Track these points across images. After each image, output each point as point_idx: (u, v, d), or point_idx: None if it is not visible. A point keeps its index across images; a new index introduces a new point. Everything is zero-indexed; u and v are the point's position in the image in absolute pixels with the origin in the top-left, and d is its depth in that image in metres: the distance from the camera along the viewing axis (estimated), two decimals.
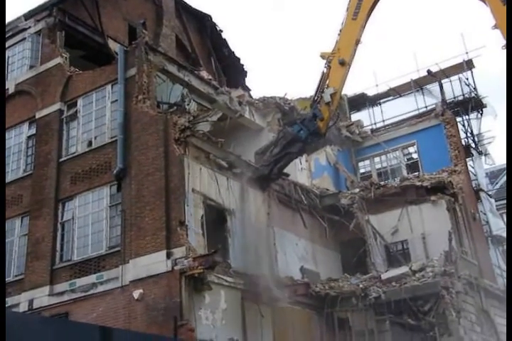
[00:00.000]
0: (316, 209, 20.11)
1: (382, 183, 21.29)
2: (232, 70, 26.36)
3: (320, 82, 17.23)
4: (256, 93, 25.64)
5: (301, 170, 21.36)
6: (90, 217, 16.49)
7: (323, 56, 17.45)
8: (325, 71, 17.29)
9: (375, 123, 25.34)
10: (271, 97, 21.90)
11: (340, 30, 17.41)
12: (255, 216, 17.27)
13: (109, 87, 17.61)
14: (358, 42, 17.29)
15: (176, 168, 15.34)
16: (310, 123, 16.99)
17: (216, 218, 16.18)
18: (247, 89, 25.18)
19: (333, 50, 17.33)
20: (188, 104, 18.72)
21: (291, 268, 17.94)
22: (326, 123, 17.25)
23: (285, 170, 18.88)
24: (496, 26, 15.62)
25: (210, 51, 26.21)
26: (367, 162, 24.41)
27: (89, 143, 17.50)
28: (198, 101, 19.24)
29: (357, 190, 20.86)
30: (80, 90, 18.20)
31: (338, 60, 17.12)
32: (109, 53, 20.35)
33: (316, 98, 17.21)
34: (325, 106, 17.06)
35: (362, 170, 24.39)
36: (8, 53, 20.65)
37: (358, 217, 20.00)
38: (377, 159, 24.23)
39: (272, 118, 21.55)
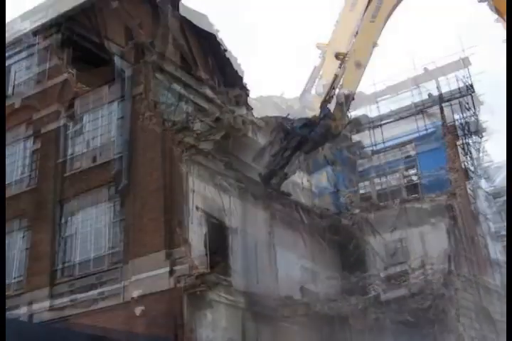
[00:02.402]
0: (317, 229, 20.18)
1: (382, 204, 21.42)
2: (235, 88, 26.51)
3: (332, 82, 17.20)
4: (257, 111, 25.82)
5: (302, 190, 21.48)
6: (93, 232, 16.52)
7: (337, 56, 17.44)
8: (338, 71, 17.27)
9: (375, 145, 25.47)
10: (274, 117, 22.05)
11: (357, 32, 17.47)
12: (257, 235, 17.36)
13: (115, 103, 17.78)
14: (374, 44, 17.38)
15: (180, 186, 15.47)
16: (321, 124, 16.99)
17: (219, 236, 16.24)
18: (249, 109, 25.37)
19: (348, 52, 17.38)
20: (192, 123, 18.87)
21: (291, 288, 17.95)
22: (339, 123, 17.22)
23: (287, 190, 19.08)
24: (498, 20, 15.73)
25: (213, 69, 26.41)
26: (367, 183, 24.51)
27: (94, 159, 17.60)
28: (203, 119, 19.37)
29: (357, 210, 20.98)
30: (86, 106, 18.36)
31: (355, 62, 17.15)
32: (115, 70, 20.52)
33: (327, 98, 17.18)
34: (338, 106, 17.07)
35: (362, 191, 24.47)
36: (15, 68, 20.84)
37: (358, 237, 20.11)
38: (377, 180, 24.34)
39: (274, 137, 21.63)
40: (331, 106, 17.23)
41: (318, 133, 16.87)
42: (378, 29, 17.39)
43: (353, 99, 17.30)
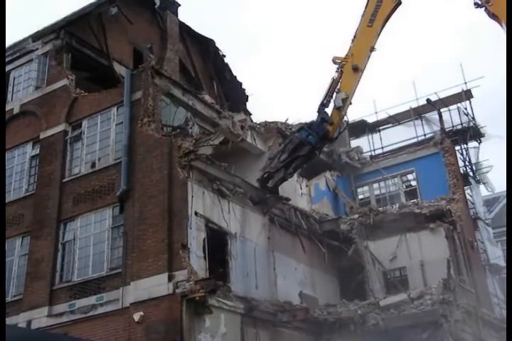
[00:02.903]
0: (316, 234, 20.19)
1: (381, 210, 21.43)
2: (233, 94, 26.65)
3: (330, 86, 17.00)
4: (257, 117, 25.94)
5: (301, 195, 21.51)
6: (92, 237, 16.52)
7: (334, 60, 17.28)
8: (336, 76, 17.13)
9: (374, 150, 25.60)
10: (272, 122, 22.11)
11: (355, 36, 17.31)
12: (256, 240, 17.38)
13: (114, 109, 17.80)
14: (372, 49, 17.18)
15: (179, 191, 15.46)
16: (319, 128, 16.72)
17: (217, 241, 16.25)
18: (248, 114, 25.46)
19: (345, 55, 17.19)
20: (191, 128, 18.92)
21: (290, 293, 17.96)
22: (336, 128, 17.06)
23: (286, 195, 19.08)
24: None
25: (212, 75, 26.53)
26: (366, 188, 24.56)
27: (93, 165, 17.61)
28: (201, 124, 19.42)
29: (356, 215, 20.96)
30: (85, 112, 18.39)
31: (352, 66, 16.97)
32: (113, 76, 20.63)
33: (324, 102, 16.99)
34: (336, 110, 16.86)
35: (361, 196, 24.53)
36: (14, 74, 20.90)
37: (356, 242, 20.10)
38: (375, 185, 24.39)
39: (273, 143, 21.70)
40: (329, 111, 17.15)
41: (315, 136, 16.75)
42: (376, 33, 17.27)
43: (351, 103, 17.21)
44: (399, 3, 17.29)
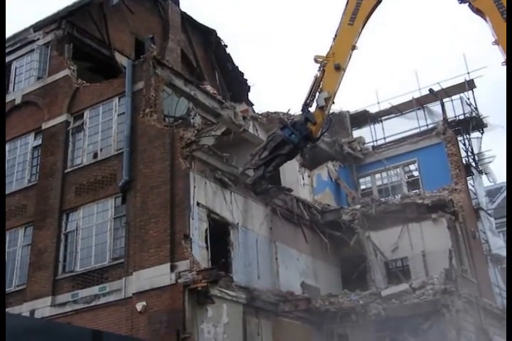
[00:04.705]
0: (318, 224, 20.22)
1: (383, 200, 21.43)
2: (235, 85, 26.60)
3: (312, 85, 16.71)
4: (258, 107, 25.94)
5: (303, 186, 21.50)
6: (94, 228, 16.57)
7: (316, 59, 16.95)
8: (318, 75, 16.80)
9: (376, 140, 25.53)
10: (274, 113, 22.06)
11: (336, 35, 17.01)
12: (258, 230, 17.41)
13: (116, 99, 17.78)
14: (353, 47, 16.85)
15: (181, 182, 15.47)
16: (302, 127, 16.46)
17: (219, 232, 16.28)
18: (250, 104, 25.42)
19: (327, 54, 16.85)
20: (193, 118, 18.89)
21: (292, 283, 18.02)
22: (319, 127, 16.77)
23: (288, 186, 19.09)
24: (496, 42, 15.10)
25: (214, 65, 26.46)
26: (368, 178, 24.55)
27: (95, 155, 17.62)
28: (203, 115, 19.39)
29: (358, 206, 20.97)
30: (87, 102, 18.37)
31: (334, 65, 16.64)
32: (115, 66, 20.60)
33: (307, 101, 16.73)
34: (318, 110, 16.56)
35: (363, 187, 24.52)
36: (16, 64, 20.88)
37: (358, 233, 20.13)
38: (378, 176, 24.38)
39: None
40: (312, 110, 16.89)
41: (298, 136, 16.53)
42: (357, 32, 16.91)
43: (334, 102, 16.96)
44: (379, 1, 17.01)
